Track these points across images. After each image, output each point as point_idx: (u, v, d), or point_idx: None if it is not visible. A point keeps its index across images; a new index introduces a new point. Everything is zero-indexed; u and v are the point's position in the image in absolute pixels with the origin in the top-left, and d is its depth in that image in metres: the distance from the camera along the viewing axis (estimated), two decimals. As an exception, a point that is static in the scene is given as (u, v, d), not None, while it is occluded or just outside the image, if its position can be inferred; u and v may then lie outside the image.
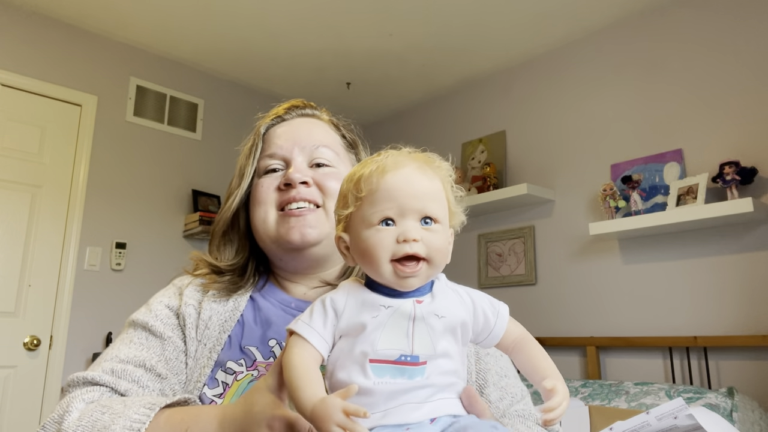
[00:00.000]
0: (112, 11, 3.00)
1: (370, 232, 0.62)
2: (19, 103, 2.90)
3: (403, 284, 0.61)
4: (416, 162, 0.67)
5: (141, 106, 3.32)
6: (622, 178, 2.69)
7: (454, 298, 0.65)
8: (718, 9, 2.64)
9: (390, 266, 0.61)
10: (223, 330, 0.84)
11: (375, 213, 0.62)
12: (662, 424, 0.55)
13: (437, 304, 0.62)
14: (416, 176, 0.65)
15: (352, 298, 0.63)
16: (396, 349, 0.58)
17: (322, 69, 3.52)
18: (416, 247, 0.60)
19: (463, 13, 2.96)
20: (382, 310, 0.61)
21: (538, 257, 3.15)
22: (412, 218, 0.62)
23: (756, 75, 2.49)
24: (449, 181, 0.70)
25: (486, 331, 0.66)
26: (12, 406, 2.68)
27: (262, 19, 3.03)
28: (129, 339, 0.83)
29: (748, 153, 2.44)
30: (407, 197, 0.62)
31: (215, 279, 0.89)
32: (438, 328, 0.60)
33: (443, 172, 0.70)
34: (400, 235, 0.61)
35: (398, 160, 0.66)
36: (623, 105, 2.91)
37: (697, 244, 2.56)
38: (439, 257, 0.63)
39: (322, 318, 0.62)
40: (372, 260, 0.62)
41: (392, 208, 0.62)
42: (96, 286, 3.01)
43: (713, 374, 2.43)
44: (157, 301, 0.89)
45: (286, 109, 0.98)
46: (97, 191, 3.09)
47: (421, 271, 0.61)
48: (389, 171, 0.64)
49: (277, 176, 0.91)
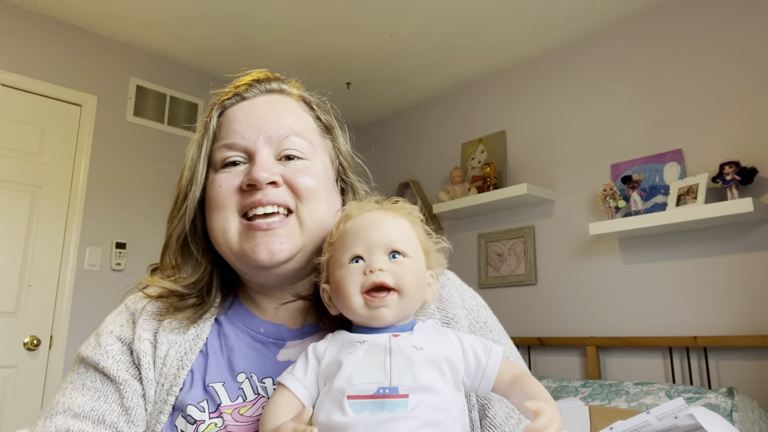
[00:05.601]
0: (112, 11, 3.00)
1: (341, 271, 0.63)
2: (19, 103, 2.90)
3: (375, 316, 0.61)
4: (379, 206, 0.70)
5: (141, 106, 3.32)
6: (622, 178, 2.69)
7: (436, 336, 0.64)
8: (718, 9, 2.64)
9: (360, 298, 0.61)
10: (182, 365, 0.71)
11: (345, 253, 0.64)
12: (662, 423, 0.55)
13: (415, 338, 0.61)
14: (381, 216, 0.67)
15: (333, 342, 0.63)
16: (373, 383, 0.56)
17: (322, 69, 3.52)
18: (383, 276, 0.61)
19: (463, 14, 2.96)
20: (357, 346, 0.60)
21: (538, 257, 3.15)
22: (380, 252, 0.63)
23: (756, 75, 2.49)
24: (418, 222, 0.70)
25: (479, 372, 0.63)
26: (12, 406, 2.68)
27: (262, 19, 3.03)
28: (81, 382, 0.72)
29: (748, 153, 2.44)
30: (373, 234, 0.64)
31: (175, 304, 0.75)
32: (418, 360, 0.58)
33: (409, 213, 0.70)
34: (366, 267, 0.62)
35: (362, 206, 0.69)
36: (623, 105, 2.91)
37: (697, 244, 2.56)
38: (410, 288, 0.62)
39: (304, 365, 0.62)
40: (343, 295, 0.62)
41: (359, 245, 0.63)
42: (96, 286, 3.01)
43: (713, 374, 2.43)
44: (107, 332, 0.75)
45: (248, 84, 0.80)
46: (97, 191, 3.09)
47: (391, 300, 0.61)
48: (354, 215, 0.67)
49: (237, 172, 0.74)
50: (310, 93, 0.86)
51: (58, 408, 0.69)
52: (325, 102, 0.86)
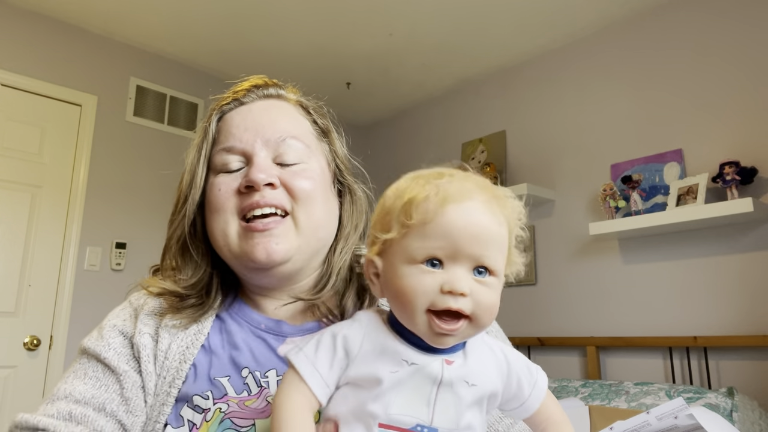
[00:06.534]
0: (112, 11, 3.00)
1: (410, 269, 0.51)
2: (19, 103, 2.90)
3: (436, 341, 0.51)
4: (485, 195, 0.54)
5: (141, 106, 3.32)
6: (622, 178, 2.69)
7: (488, 359, 0.55)
8: (718, 9, 2.64)
9: (425, 317, 0.51)
10: (184, 359, 0.72)
11: (421, 248, 0.51)
12: (662, 423, 0.55)
13: (470, 368, 0.53)
14: (482, 214, 0.53)
15: (370, 340, 0.53)
16: (412, 417, 0.49)
17: (322, 69, 3.52)
18: (462, 303, 0.50)
19: (463, 13, 2.96)
20: (404, 366, 0.51)
21: (538, 257, 3.15)
22: (465, 265, 0.51)
23: (756, 75, 2.49)
24: (517, 225, 0.58)
25: (517, 401, 0.56)
26: (12, 406, 2.68)
27: (262, 19, 3.03)
28: (83, 371, 0.73)
29: (748, 153, 2.44)
30: (465, 238, 0.51)
31: (175, 304, 0.77)
32: (466, 399, 0.51)
33: (513, 213, 0.57)
34: (445, 284, 0.50)
35: (464, 189, 0.53)
36: (623, 105, 2.91)
37: (697, 244, 2.56)
38: (485, 317, 0.52)
39: (330, 357, 0.53)
40: (405, 305, 0.51)
41: (444, 247, 0.51)
42: (96, 286, 3.01)
43: (713, 374, 2.43)
44: (110, 326, 0.77)
45: (246, 90, 0.83)
46: (97, 191, 3.09)
47: (461, 330, 0.51)
48: (451, 202, 0.52)
49: (236, 175, 0.76)
50: (307, 98, 0.87)
51: (60, 394, 0.71)
52: (321, 106, 0.88)
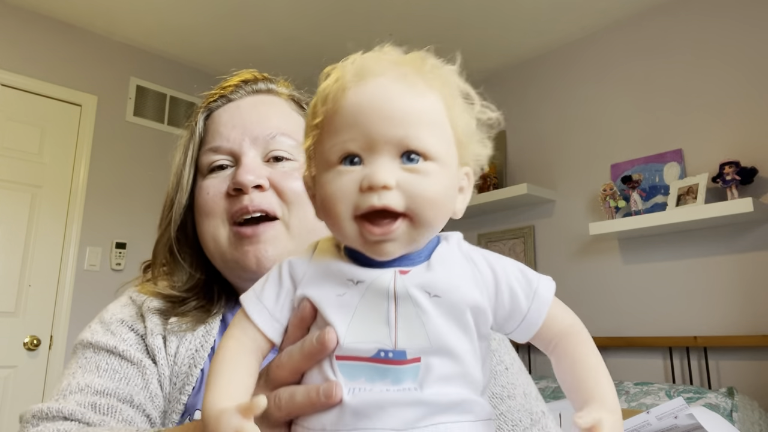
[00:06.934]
0: (112, 11, 3.00)
1: (329, 175, 0.44)
2: (19, 103, 2.90)
3: (374, 251, 0.43)
4: (400, 69, 0.46)
5: (141, 106, 3.32)
6: (622, 178, 2.69)
7: (462, 268, 0.46)
8: (718, 10, 2.64)
9: (353, 225, 0.43)
10: (194, 363, 0.67)
11: (334, 147, 0.44)
12: (663, 423, 0.55)
13: (432, 276, 0.43)
14: (393, 89, 0.44)
15: (315, 264, 0.46)
16: (371, 342, 0.42)
17: (322, 69, 3.51)
18: (387, 198, 0.41)
19: (463, 14, 2.96)
20: (350, 286, 0.43)
21: (538, 257, 3.15)
22: (387, 154, 0.43)
23: (756, 75, 2.49)
24: (454, 95, 0.48)
25: (515, 318, 0.46)
26: (12, 406, 2.68)
27: (262, 19, 3.03)
28: (94, 365, 0.67)
29: (748, 153, 2.44)
30: (375, 120, 0.43)
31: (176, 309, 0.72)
32: (432, 312, 0.42)
33: (442, 80, 0.48)
34: (364, 179, 0.42)
35: (366, 67, 0.46)
36: (623, 105, 2.91)
37: (697, 244, 2.56)
38: (427, 211, 0.42)
39: (276, 289, 0.46)
40: (331, 216, 0.44)
41: (356, 138, 0.43)
42: (96, 286, 3.01)
43: (713, 374, 2.43)
44: (116, 320, 0.72)
45: (234, 85, 0.78)
46: (97, 191, 3.09)
47: (399, 233, 0.42)
48: (353, 83, 0.45)
49: (224, 176, 0.73)
50: (300, 91, 0.82)
51: (72, 388, 0.64)
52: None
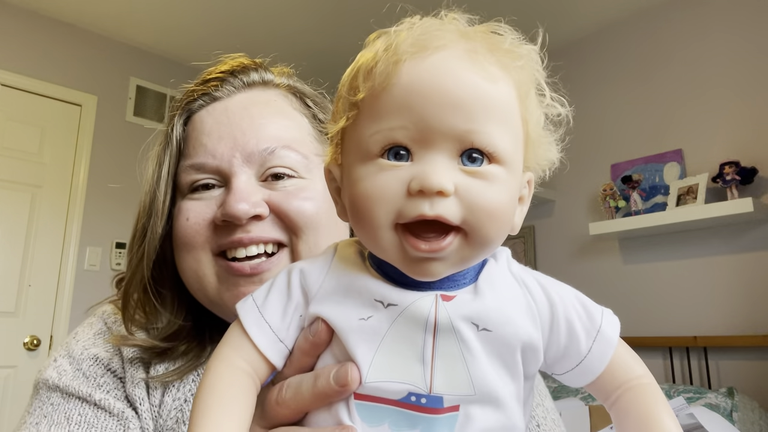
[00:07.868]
0: (112, 11, 3.00)
1: (366, 169, 0.35)
2: (19, 103, 2.90)
3: (415, 270, 0.34)
4: (468, 43, 0.37)
5: (141, 106, 3.32)
6: (622, 178, 2.69)
7: (515, 295, 0.37)
8: (718, 10, 2.64)
9: (393, 235, 0.34)
10: (182, 419, 0.55)
11: (376, 134, 0.35)
12: (663, 423, 0.55)
13: (482, 305, 0.35)
14: (461, 69, 0.35)
15: (334, 276, 0.37)
16: (400, 382, 0.34)
17: (322, 69, 3.50)
18: (441, 207, 0.33)
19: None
20: (378, 309, 0.34)
21: (538, 257, 3.15)
22: (444, 150, 0.34)
23: (756, 75, 2.49)
24: (530, 83, 0.39)
25: (570, 360, 0.38)
26: (12, 406, 2.68)
27: (262, 19, 3.03)
28: (64, 415, 0.54)
29: (748, 153, 2.44)
30: (438, 107, 0.34)
31: (159, 356, 0.58)
32: (478, 350, 0.34)
33: (521, 63, 0.39)
34: (414, 180, 0.33)
35: (429, 36, 0.36)
36: (623, 105, 2.91)
37: (697, 244, 2.56)
38: (488, 226, 0.34)
39: (283, 301, 0.37)
40: (364, 221, 0.35)
41: (407, 126, 0.34)
42: (96, 286, 3.01)
43: (713, 374, 2.43)
44: (88, 358, 0.58)
45: (219, 79, 0.62)
46: (97, 191, 3.09)
47: (449, 250, 0.34)
48: (407, 56, 0.35)
49: (209, 199, 0.57)
50: (303, 82, 0.66)
51: None
52: (323, 94, 0.66)
